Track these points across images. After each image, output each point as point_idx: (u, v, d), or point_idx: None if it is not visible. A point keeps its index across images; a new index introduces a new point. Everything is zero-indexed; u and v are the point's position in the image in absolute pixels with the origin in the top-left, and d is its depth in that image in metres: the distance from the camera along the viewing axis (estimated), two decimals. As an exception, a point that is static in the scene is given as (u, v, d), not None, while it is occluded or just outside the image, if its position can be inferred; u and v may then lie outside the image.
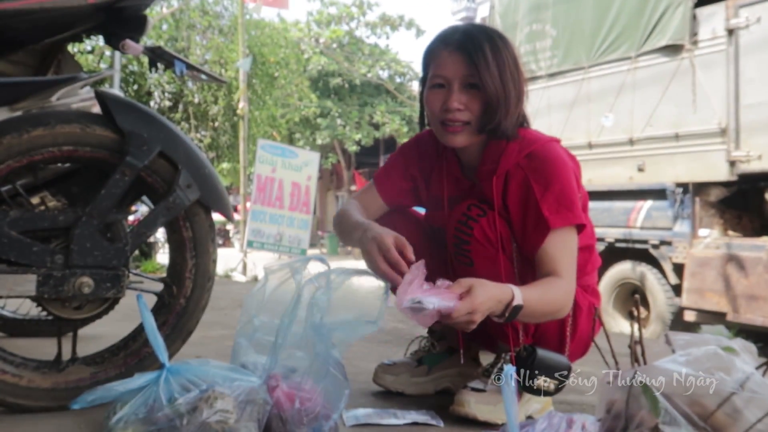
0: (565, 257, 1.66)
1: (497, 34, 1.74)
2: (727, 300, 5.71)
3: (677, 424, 1.09)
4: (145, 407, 1.36)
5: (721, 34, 5.90)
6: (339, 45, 24.75)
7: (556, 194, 1.65)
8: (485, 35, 1.70)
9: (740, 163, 5.73)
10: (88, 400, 1.42)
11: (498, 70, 1.66)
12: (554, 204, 1.64)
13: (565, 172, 1.69)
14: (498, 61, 1.67)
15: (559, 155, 1.72)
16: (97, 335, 2.47)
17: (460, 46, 1.69)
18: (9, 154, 1.60)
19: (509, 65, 1.69)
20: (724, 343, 1.22)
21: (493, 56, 1.67)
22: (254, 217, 10.41)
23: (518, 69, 1.72)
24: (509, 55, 1.71)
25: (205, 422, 1.31)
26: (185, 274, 1.81)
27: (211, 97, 14.40)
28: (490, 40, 1.69)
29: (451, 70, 1.69)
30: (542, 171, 1.67)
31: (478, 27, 1.76)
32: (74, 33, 1.93)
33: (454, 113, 1.69)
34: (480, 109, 1.69)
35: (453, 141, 1.74)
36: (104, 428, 1.39)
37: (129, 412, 1.37)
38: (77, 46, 10.74)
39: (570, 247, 1.68)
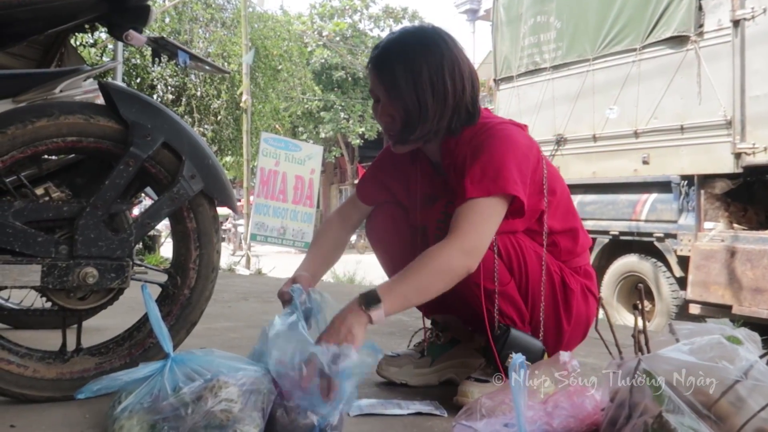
0: (467, 219, 1.61)
1: (422, 40, 1.73)
2: (732, 293, 5.70)
3: (681, 412, 1.09)
4: (150, 397, 1.36)
5: (727, 25, 5.86)
6: (342, 38, 24.70)
7: (483, 165, 1.64)
8: (400, 47, 1.72)
9: (746, 156, 5.70)
10: (93, 390, 1.42)
11: (412, 83, 1.68)
12: (478, 174, 1.64)
13: (502, 146, 1.67)
14: (413, 75, 1.68)
15: (505, 133, 1.71)
16: (102, 327, 2.48)
17: (374, 65, 1.75)
18: (13, 145, 1.60)
19: (430, 74, 1.68)
20: (727, 333, 1.22)
21: (403, 71, 1.69)
22: (258, 211, 10.41)
23: (445, 72, 1.69)
24: (433, 61, 1.69)
25: (209, 411, 1.32)
26: (189, 265, 1.81)
27: (214, 90, 14.39)
28: (403, 53, 1.70)
29: (373, 87, 1.77)
30: (477, 144, 1.70)
31: (401, 36, 1.76)
32: (77, 23, 1.93)
33: (385, 126, 1.78)
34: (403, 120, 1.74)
35: (397, 149, 1.82)
36: (109, 418, 1.39)
37: (134, 402, 1.37)
38: (80, 39, 10.73)
39: (477, 212, 1.62)
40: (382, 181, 2.00)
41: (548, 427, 1.30)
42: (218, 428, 1.32)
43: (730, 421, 1.11)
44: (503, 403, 1.33)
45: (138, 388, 1.40)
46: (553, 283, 1.79)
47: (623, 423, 1.20)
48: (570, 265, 1.85)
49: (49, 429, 1.47)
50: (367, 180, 2.05)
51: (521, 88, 7.97)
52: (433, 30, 1.78)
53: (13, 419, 1.52)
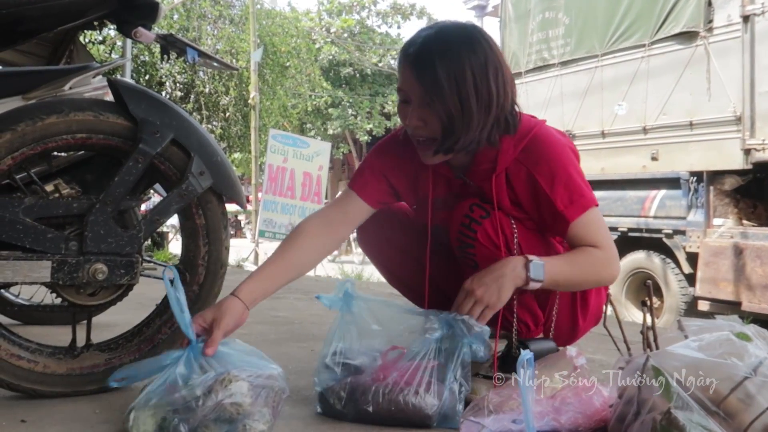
0: (594, 233, 1.66)
1: (463, 39, 1.60)
2: (741, 289, 5.67)
3: (690, 408, 1.08)
4: (164, 387, 1.37)
5: (737, 20, 5.82)
6: (350, 34, 24.69)
7: (564, 184, 1.64)
8: (442, 45, 1.58)
9: (755, 152, 5.67)
10: (118, 378, 1.44)
11: (455, 86, 1.55)
12: (565, 195, 1.63)
13: (564, 157, 1.67)
14: (455, 76, 1.55)
15: (554, 139, 1.70)
16: (111, 323, 2.50)
17: (412, 62, 1.59)
18: (23, 142, 1.61)
19: (473, 75, 1.56)
20: (737, 329, 1.22)
21: (446, 72, 1.54)
22: (266, 207, 10.44)
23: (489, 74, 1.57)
24: (476, 61, 1.57)
25: (219, 404, 1.33)
26: (198, 261, 1.82)
27: (222, 87, 14.42)
28: (444, 52, 1.56)
29: (407, 87, 1.62)
30: (542, 161, 1.65)
31: (440, 33, 1.61)
32: (86, 20, 1.93)
33: (415, 130, 1.64)
34: (439, 127, 1.61)
35: (427, 160, 1.68)
36: (128, 408, 1.40)
37: (150, 391, 1.38)
38: (89, 37, 10.78)
39: (594, 223, 1.67)
40: (385, 176, 1.84)
41: (556, 423, 1.30)
42: (227, 422, 1.33)
43: (739, 417, 1.10)
44: (511, 399, 1.33)
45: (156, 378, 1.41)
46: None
47: (631, 420, 1.20)
48: None
49: (60, 424, 1.48)
50: (366, 173, 1.85)
51: (530, 84, 7.94)
52: (474, 28, 1.65)
53: (24, 414, 1.53)
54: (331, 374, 1.60)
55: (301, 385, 1.88)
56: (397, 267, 2.00)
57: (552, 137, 1.70)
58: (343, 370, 1.59)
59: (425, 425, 1.48)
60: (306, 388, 1.82)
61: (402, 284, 2.04)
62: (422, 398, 1.47)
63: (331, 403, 1.56)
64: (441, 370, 1.51)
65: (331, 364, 1.61)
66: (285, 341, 2.65)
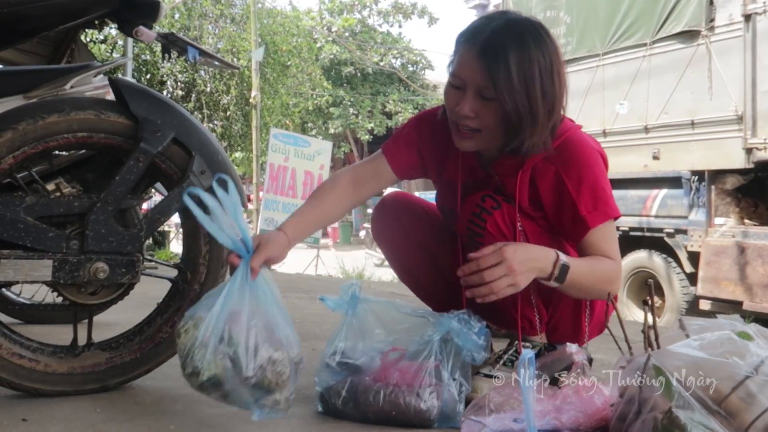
0: (610, 245, 1.67)
1: (534, 33, 1.55)
2: (743, 289, 5.66)
3: (691, 407, 1.08)
4: (224, 314, 1.34)
5: (738, 19, 5.81)
6: (351, 33, 24.67)
7: (591, 190, 1.63)
8: (516, 38, 1.52)
9: (757, 151, 5.66)
10: (192, 315, 1.37)
11: (524, 83, 1.50)
12: (590, 201, 1.63)
13: (595, 163, 1.67)
14: (525, 73, 1.50)
15: (587, 144, 1.70)
16: (112, 321, 2.50)
17: (482, 51, 1.52)
18: (25, 141, 1.61)
19: (541, 74, 1.53)
20: (738, 328, 1.22)
21: (519, 67, 1.50)
22: (267, 207, 10.43)
23: (554, 75, 1.56)
24: (544, 60, 1.54)
25: (263, 368, 1.32)
26: (199, 261, 1.82)
27: (223, 86, 14.41)
28: (519, 46, 1.51)
29: (468, 74, 1.56)
30: (573, 165, 1.64)
31: (511, 24, 1.56)
32: (88, 19, 1.93)
33: (463, 119, 1.60)
34: (493, 121, 1.57)
35: (462, 145, 1.66)
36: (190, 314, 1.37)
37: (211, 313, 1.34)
38: (90, 36, 10.78)
39: (611, 235, 1.68)
40: (419, 149, 1.82)
41: (557, 423, 1.30)
42: (264, 390, 1.33)
43: (740, 416, 1.10)
44: (512, 398, 1.33)
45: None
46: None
47: (633, 419, 1.20)
48: None
49: (61, 423, 1.48)
50: (400, 142, 1.83)
51: (531, 84, 7.91)
52: (540, 25, 1.60)
53: (25, 413, 1.53)
54: (332, 374, 1.60)
55: (302, 384, 1.88)
56: (412, 263, 1.99)
57: (585, 142, 1.70)
58: (344, 369, 1.59)
59: (426, 426, 1.48)
60: (307, 387, 1.82)
61: (414, 280, 2.03)
62: (422, 399, 1.47)
63: (331, 403, 1.56)
64: (441, 370, 1.51)
65: (332, 363, 1.61)
66: (286, 340, 2.65)
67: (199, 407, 1.63)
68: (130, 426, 1.47)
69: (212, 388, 1.33)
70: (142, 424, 1.49)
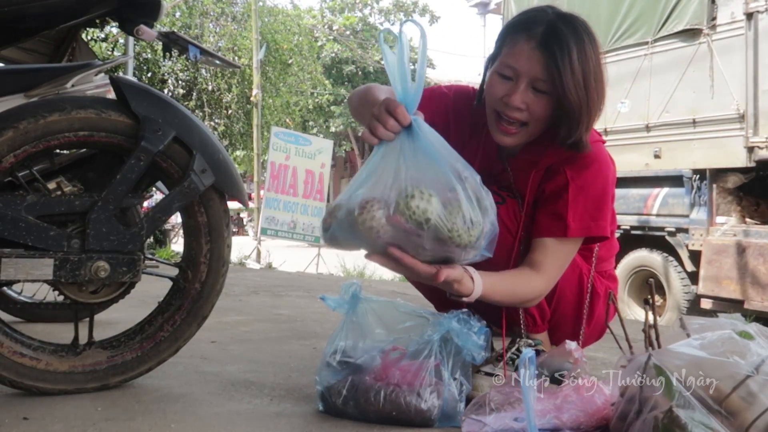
0: (555, 262, 1.64)
1: (586, 30, 1.56)
2: (744, 288, 5.66)
3: (691, 407, 1.08)
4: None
5: (740, 17, 5.80)
6: (352, 32, 24.68)
7: (587, 201, 1.63)
8: (574, 33, 1.52)
9: (758, 149, 5.66)
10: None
11: (584, 77, 1.50)
12: (580, 211, 1.62)
13: (605, 180, 1.66)
14: (584, 67, 1.51)
15: (605, 160, 1.69)
16: (113, 320, 2.50)
17: (543, 42, 1.51)
18: (26, 140, 1.61)
19: (594, 70, 1.53)
20: (739, 328, 1.22)
21: (579, 60, 1.49)
22: (268, 205, 10.44)
23: (602, 72, 1.56)
24: (595, 56, 1.54)
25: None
26: (200, 259, 1.82)
27: (224, 84, 14.42)
28: (577, 40, 1.51)
29: (525, 65, 1.53)
30: (584, 173, 1.63)
31: (567, 19, 1.56)
32: (89, 18, 1.93)
33: (513, 111, 1.57)
34: (543, 115, 1.56)
35: (502, 140, 1.63)
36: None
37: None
38: (91, 34, 10.79)
39: (564, 256, 1.66)
40: (450, 113, 1.79)
41: (558, 421, 1.30)
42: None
43: (741, 416, 1.10)
44: (512, 397, 1.33)
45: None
46: (582, 287, 1.78)
47: (633, 418, 1.20)
48: (598, 269, 1.83)
49: (62, 421, 1.48)
50: (437, 95, 1.80)
51: (532, 82, 7.91)
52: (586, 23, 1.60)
53: (27, 412, 1.54)
54: (332, 372, 1.60)
55: (303, 382, 1.88)
56: None
57: (605, 157, 1.69)
58: (345, 368, 1.59)
59: (426, 425, 1.48)
60: (308, 386, 1.82)
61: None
62: (423, 398, 1.47)
63: (332, 402, 1.56)
64: (442, 369, 1.51)
65: (333, 362, 1.61)
66: (287, 339, 2.66)
67: (199, 406, 1.63)
68: (131, 425, 1.47)
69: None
70: (143, 422, 1.49)
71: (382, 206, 1.34)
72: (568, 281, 1.72)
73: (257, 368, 2.06)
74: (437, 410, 1.48)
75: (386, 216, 1.34)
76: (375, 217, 1.34)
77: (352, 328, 1.65)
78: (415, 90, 1.38)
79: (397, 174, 1.36)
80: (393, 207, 1.33)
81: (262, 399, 1.71)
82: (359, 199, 1.36)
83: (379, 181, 1.37)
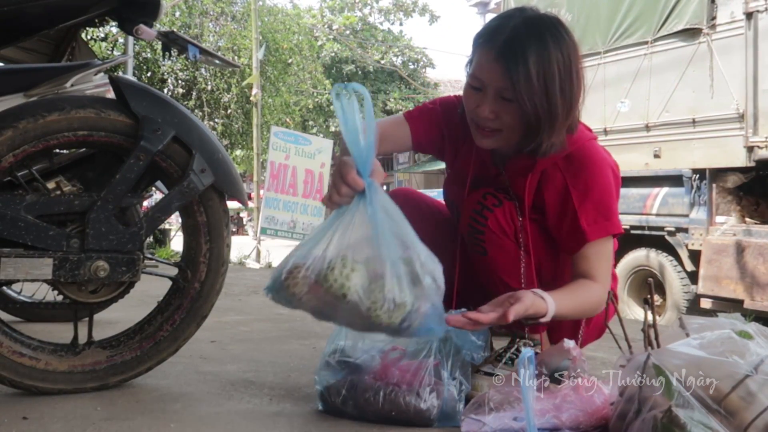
0: (602, 264, 1.65)
1: (553, 32, 1.54)
2: (744, 287, 5.66)
3: (691, 406, 1.08)
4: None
5: (740, 17, 5.80)
6: (352, 31, 24.68)
7: (595, 203, 1.62)
8: (535, 38, 1.52)
9: (758, 149, 5.65)
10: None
11: (544, 84, 1.50)
12: (592, 214, 1.62)
13: (604, 176, 1.66)
14: (545, 73, 1.50)
15: (600, 157, 1.68)
16: (113, 320, 2.50)
17: (501, 53, 1.52)
18: (25, 139, 1.61)
19: (560, 74, 1.52)
20: (738, 327, 1.22)
21: (538, 68, 1.49)
22: (268, 205, 10.43)
23: (572, 74, 1.54)
24: (563, 59, 1.53)
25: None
26: (200, 259, 1.82)
27: (224, 84, 14.42)
28: (538, 46, 1.50)
29: (487, 77, 1.55)
30: (582, 176, 1.63)
31: (530, 24, 1.56)
32: (88, 18, 1.93)
33: (485, 121, 1.59)
34: (513, 122, 1.57)
35: (482, 143, 1.66)
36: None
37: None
38: (90, 33, 10.78)
39: (606, 254, 1.67)
40: (442, 128, 1.81)
41: (557, 421, 1.30)
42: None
43: (740, 415, 1.10)
44: (511, 396, 1.33)
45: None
46: None
47: (633, 417, 1.20)
48: None
49: (61, 421, 1.49)
50: (425, 115, 1.82)
51: (532, 82, 7.91)
52: (558, 21, 1.59)
53: (26, 411, 1.54)
54: (332, 372, 1.60)
55: (302, 382, 1.88)
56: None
57: (598, 154, 1.69)
58: (345, 368, 1.59)
59: (425, 425, 1.48)
60: (307, 385, 1.82)
61: None
62: (422, 398, 1.47)
63: (331, 401, 1.56)
64: (441, 369, 1.51)
65: (332, 362, 1.61)
66: (287, 338, 2.66)
67: (199, 406, 1.63)
68: (131, 424, 1.47)
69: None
70: (143, 422, 1.49)
71: (309, 273, 1.33)
72: (567, 280, 1.72)
73: (257, 368, 2.06)
74: (436, 410, 1.47)
75: (309, 284, 1.33)
76: (298, 284, 1.34)
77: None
78: (367, 151, 1.36)
79: (338, 240, 1.34)
80: (315, 276, 1.33)
81: (261, 398, 1.71)
82: (290, 262, 1.37)
83: (318, 245, 1.35)
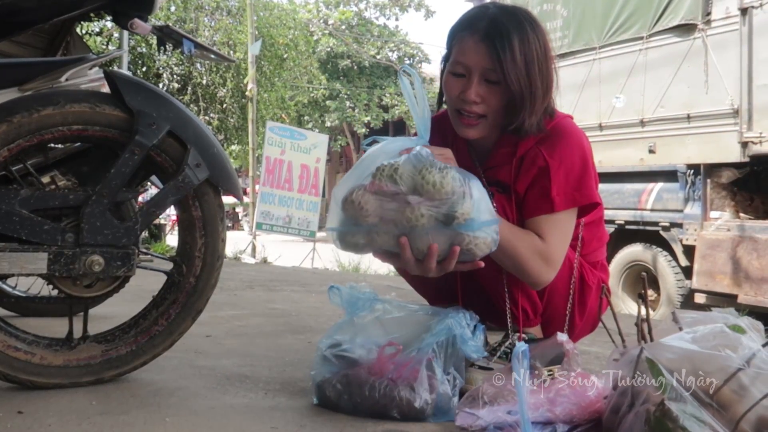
0: (556, 235, 1.65)
1: (528, 19, 1.64)
2: (737, 282, 5.69)
3: (683, 400, 1.09)
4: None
5: (735, 13, 5.81)
6: (348, 26, 24.63)
7: (566, 173, 1.64)
8: (515, 23, 1.60)
9: (752, 145, 5.67)
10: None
11: (525, 64, 1.58)
12: (563, 184, 1.63)
13: (578, 148, 1.68)
14: (526, 54, 1.58)
15: (574, 131, 1.72)
16: (108, 314, 2.50)
17: (485, 35, 1.59)
18: (19, 134, 1.60)
19: (538, 57, 1.60)
20: (730, 321, 1.23)
21: (520, 49, 1.57)
22: (263, 200, 10.43)
23: (548, 59, 1.63)
24: (539, 44, 1.61)
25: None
26: (195, 253, 1.82)
27: (219, 79, 14.38)
28: (519, 30, 1.59)
29: (473, 60, 1.61)
30: (557, 147, 1.66)
31: (508, 11, 1.65)
32: (83, 12, 1.93)
33: (470, 105, 1.64)
34: (498, 105, 1.63)
35: (466, 133, 1.69)
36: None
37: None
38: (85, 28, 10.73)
39: (565, 227, 1.67)
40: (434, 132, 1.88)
41: (551, 414, 1.31)
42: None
43: (732, 409, 1.11)
44: (505, 390, 1.34)
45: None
46: (572, 278, 1.78)
47: (626, 411, 1.20)
48: (588, 259, 1.83)
49: (56, 415, 1.49)
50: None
51: (527, 77, 7.91)
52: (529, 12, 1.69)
53: (21, 406, 1.54)
54: (328, 366, 1.60)
55: (297, 376, 1.89)
56: None
57: (573, 128, 1.73)
58: (340, 362, 1.60)
59: (420, 419, 1.49)
60: (303, 379, 1.83)
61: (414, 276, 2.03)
62: (417, 393, 1.47)
63: (327, 395, 1.57)
64: (435, 364, 1.52)
65: (328, 356, 1.62)
66: (282, 333, 2.66)
67: (194, 400, 1.64)
68: (126, 418, 1.47)
69: None
70: (138, 416, 1.49)
71: (362, 186, 1.47)
72: (560, 274, 1.72)
73: (252, 362, 2.07)
74: (431, 404, 1.48)
75: (365, 188, 1.45)
76: (357, 193, 1.46)
77: (349, 322, 1.65)
78: (426, 118, 1.54)
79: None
80: (369, 180, 1.46)
81: (256, 393, 1.72)
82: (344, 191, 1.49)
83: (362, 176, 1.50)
